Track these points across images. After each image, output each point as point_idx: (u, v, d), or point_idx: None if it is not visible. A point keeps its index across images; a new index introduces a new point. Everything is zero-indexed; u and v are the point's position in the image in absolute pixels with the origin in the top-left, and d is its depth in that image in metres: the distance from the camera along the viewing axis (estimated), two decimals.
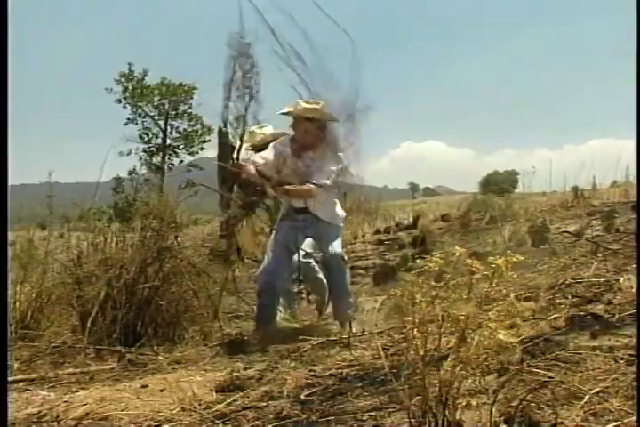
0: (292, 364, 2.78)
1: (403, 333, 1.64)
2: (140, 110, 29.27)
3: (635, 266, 3.60)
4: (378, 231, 10.26)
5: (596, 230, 6.19)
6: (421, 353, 1.59)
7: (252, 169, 4.44)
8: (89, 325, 3.77)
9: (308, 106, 4.33)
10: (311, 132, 4.42)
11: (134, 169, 26.22)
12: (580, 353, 2.05)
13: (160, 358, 3.56)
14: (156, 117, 29.63)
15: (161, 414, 2.20)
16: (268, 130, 5.62)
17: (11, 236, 4.32)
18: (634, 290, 2.87)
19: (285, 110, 4.44)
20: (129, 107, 29.14)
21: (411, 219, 10.34)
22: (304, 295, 6.14)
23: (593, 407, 1.62)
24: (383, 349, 2.47)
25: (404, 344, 1.65)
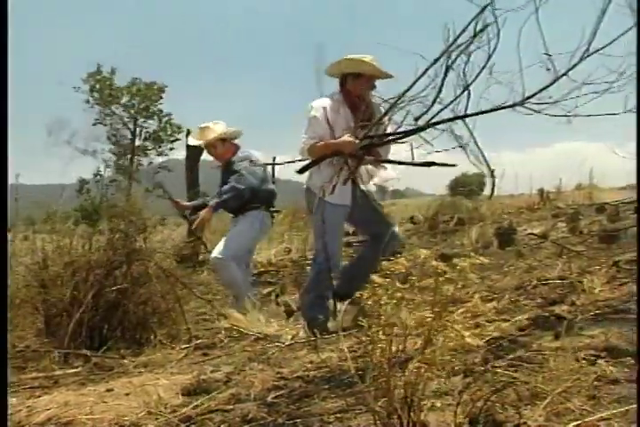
0: (260, 366, 2.77)
1: (368, 335, 1.64)
2: (108, 110, 28.97)
3: (596, 267, 3.66)
4: (347, 233, 10.26)
5: (562, 232, 6.28)
6: (387, 355, 1.59)
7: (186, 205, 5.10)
8: (54, 328, 3.72)
9: (376, 64, 4.09)
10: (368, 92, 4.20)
11: (99, 170, 25.91)
12: (544, 354, 2.07)
13: (126, 361, 3.53)
14: (125, 118, 29.34)
15: (126, 418, 2.18)
16: (220, 127, 5.63)
17: None
18: (597, 291, 2.92)
19: (356, 70, 4.15)
20: (97, 107, 28.83)
21: None
22: (273, 298, 6.14)
23: (555, 407, 1.64)
24: (350, 351, 2.47)
25: (370, 346, 1.65)
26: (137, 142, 29.48)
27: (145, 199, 5.19)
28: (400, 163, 3.94)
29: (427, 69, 3.37)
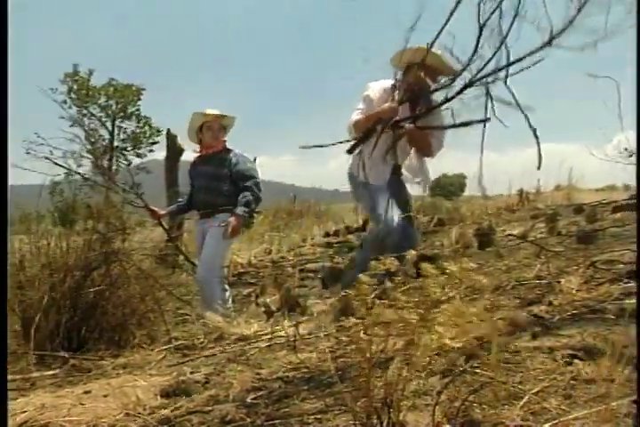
0: (239, 367, 2.77)
1: (349, 335, 1.65)
2: (85, 111, 28.80)
3: (574, 267, 3.69)
4: (327, 234, 10.30)
5: (540, 233, 6.32)
6: (367, 356, 1.60)
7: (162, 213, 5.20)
8: (32, 330, 3.70)
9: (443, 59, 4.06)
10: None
11: (69, 171, 25.67)
12: (521, 354, 2.09)
13: (104, 362, 3.52)
14: (102, 119, 29.19)
15: (103, 420, 2.18)
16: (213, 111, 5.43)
17: None
18: (574, 291, 2.95)
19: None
20: (75, 108, 28.66)
21: (360, 222, 10.40)
22: (253, 298, 6.13)
23: (532, 407, 1.66)
24: (330, 351, 2.48)
25: (351, 347, 1.66)
26: (115, 143, 29.38)
27: (123, 200, 5.16)
28: (440, 127, 4.00)
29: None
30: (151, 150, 29.76)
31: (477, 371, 1.92)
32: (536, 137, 3.36)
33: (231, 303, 5.35)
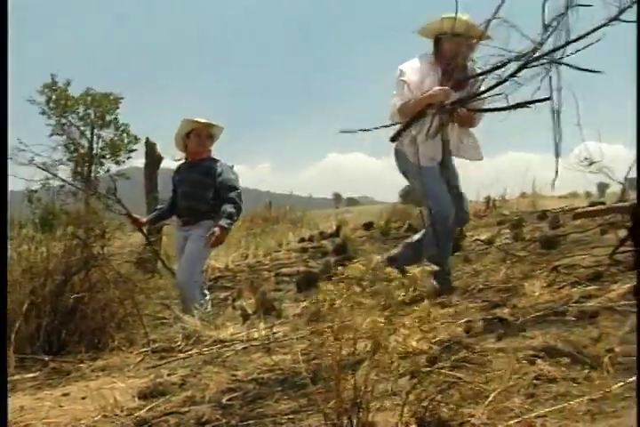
0: (215, 369, 2.76)
1: (321, 338, 1.65)
2: (65, 120, 28.55)
3: (537, 272, 3.73)
4: (302, 239, 10.29)
5: (506, 238, 6.38)
6: (337, 358, 1.60)
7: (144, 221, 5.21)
8: (12, 333, 3.65)
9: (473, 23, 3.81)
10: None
11: (48, 179, 25.38)
12: (487, 355, 2.11)
13: (83, 365, 3.48)
14: (81, 128, 28.95)
15: (82, 421, 2.16)
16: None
17: None
18: (537, 294, 2.97)
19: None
20: (54, 118, 28.40)
21: (334, 227, 10.40)
22: (230, 302, 6.12)
23: (497, 405, 1.67)
24: (303, 353, 2.48)
25: (322, 349, 1.66)
26: (94, 151, 29.15)
27: (101, 205, 5.11)
28: (492, 110, 3.71)
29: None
30: (129, 157, 29.53)
31: (444, 372, 1.93)
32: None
33: (210, 307, 5.31)
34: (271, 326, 3.46)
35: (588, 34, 3.03)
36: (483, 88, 3.70)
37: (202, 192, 5.19)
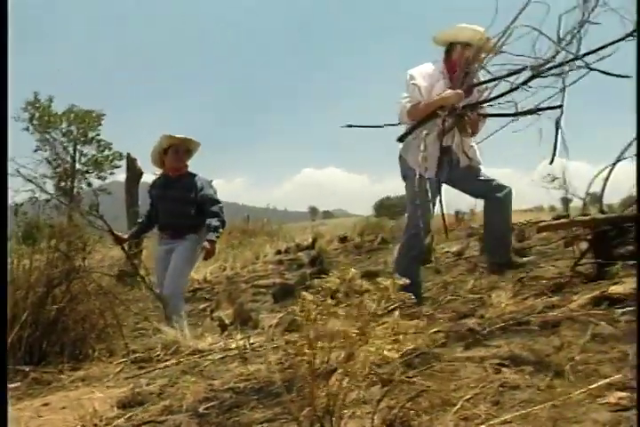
0: (193, 379, 2.74)
1: (295, 348, 1.66)
2: (48, 136, 28.40)
3: (504, 284, 3.77)
4: (279, 252, 10.30)
5: (475, 251, 6.43)
6: (311, 368, 1.61)
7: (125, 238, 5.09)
8: None
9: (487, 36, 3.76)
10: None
11: (32, 192, 25.21)
12: (455, 364, 2.12)
13: (64, 376, 3.45)
14: (64, 144, 28.81)
15: None
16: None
17: None
18: (503, 305, 3.00)
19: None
20: (37, 134, 28.27)
21: (310, 240, 10.43)
22: (208, 313, 6.09)
23: (464, 412, 1.69)
24: (278, 363, 2.48)
25: (297, 358, 1.67)
26: (77, 166, 29.04)
27: (83, 220, 5.06)
28: (503, 115, 3.66)
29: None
30: (112, 173, 29.45)
31: (414, 380, 1.94)
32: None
33: (186, 318, 5.29)
34: (248, 336, 3.46)
35: (600, 49, 3.15)
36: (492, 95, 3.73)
37: (185, 208, 5.20)
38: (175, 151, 5.27)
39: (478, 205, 11.09)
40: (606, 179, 3.74)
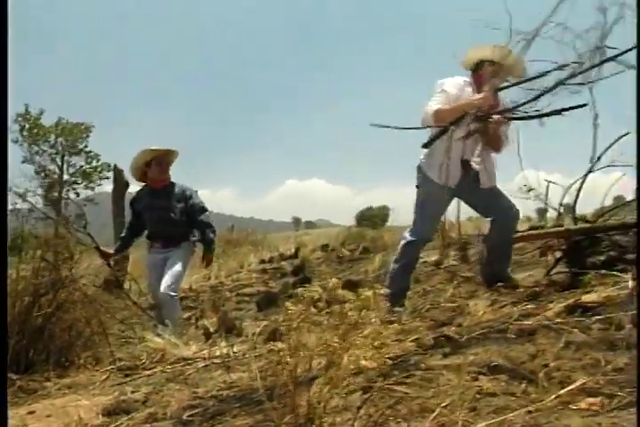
0: (177, 386, 2.72)
1: (277, 356, 1.65)
2: (37, 148, 28.42)
3: (482, 293, 3.78)
4: (263, 261, 10.28)
5: (453, 260, 6.46)
6: (293, 376, 1.61)
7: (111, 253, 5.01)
8: None
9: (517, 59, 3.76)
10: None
11: (15, 203, 25.14)
12: (433, 371, 2.12)
13: (50, 383, 3.41)
14: (52, 155, 28.81)
15: None
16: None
17: None
18: (480, 313, 3.01)
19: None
20: (25, 145, 28.28)
21: (293, 250, 10.42)
22: (193, 321, 6.05)
23: (441, 419, 1.69)
24: (261, 371, 2.47)
25: (279, 367, 1.66)
26: (65, 177, 29.06)
27: (70, 232, 5.03)
28: (529, 117, 3.61)
29: None
30: (100, 184, 29.51)
31: (393, 388, 1.94)
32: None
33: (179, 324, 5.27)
34: (231, 344, 3.44)
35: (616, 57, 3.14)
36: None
37: (177, 217, 5.25)
38: (159, 163, 5.29)
39: (456, 215, 11.14)
40: (579, 189, 3.78)
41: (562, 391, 1.73)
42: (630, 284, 2.78)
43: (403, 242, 4.13)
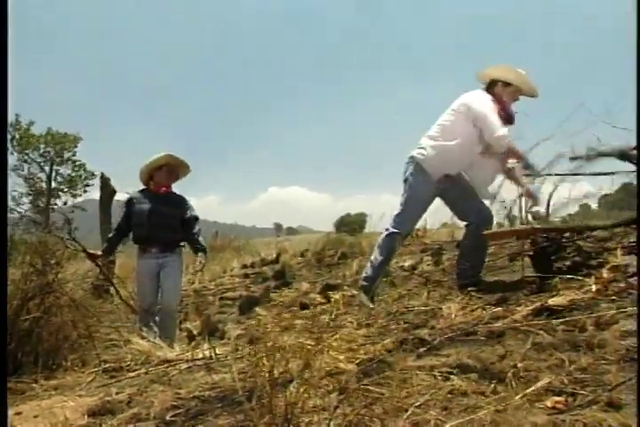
0: (161, 388, 2.70)
1: (254, 359, 1.65)
2: (26, 157, 28.48)
3: (454, 297, 3.79)
4: (245, 266, 10.24)
5: (427, 265, 6.47)
6: (270, 377, 1.60)
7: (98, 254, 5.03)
8: None
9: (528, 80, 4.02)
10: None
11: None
12: (407, 372, 2.13)
13: (37, 385, 3.37)
14: (41, 164, 28.87)
15: None
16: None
17: None
18: (453, 316, 3.02)
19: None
20: (15, 154, 28.37)
21: (274, 255, 10.39)
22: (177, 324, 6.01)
23: (415, 418, 1.69)
24: (241, 372, 2.45)
25: (256, 369, 1.65)
26: (53, 185, 29.12)
27: (57, 238, 4.98)
28: (573, 175, 3.93)
29: None
30: (86, 191, 29.54)
31: (368, 388, 1.94)
32: None
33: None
34: (214, 346, 3.41)
35: None
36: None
37: (175, 223, 5.25)
38: (169, 171, 5.30)
39: (431, 222, 11.19)
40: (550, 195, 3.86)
41: (529, 390, 1.75)
42: (594, 287, 2.82)
43: (385, 233, 4.19)
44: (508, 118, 4.05)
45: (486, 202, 4.25)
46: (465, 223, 4.31)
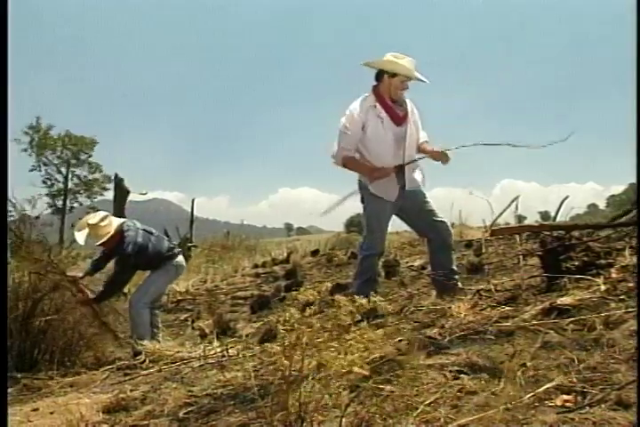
0: (174, 385, 2.72)
1: (270, 357, 1.66)
2: (44, 159, 28.82)
3: (463, 296, 3.79)
4: (256, 265, 10.25)
5: None
6: (285, 375, 1.61)
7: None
8: None
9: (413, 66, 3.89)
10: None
11: (24, 210, 25.31)
12: (417, 371, 2.13)
13: (52, 382, 3.41)
14: (58, 165, 29.17)
15: None
16: (114, 221, 4.88)
17: None
18: (462, 315, 3.02)
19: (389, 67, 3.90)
20: (34, 155, 28.72)
21: (285, 255, 10.40)
22: (189, 323, 6.04)
23: (425, 416, 1.69)
24: (254, 370, 2.46)
25: (272, 366, 1.67)
26: (69, 185, 29.38)
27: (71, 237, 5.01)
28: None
29: None
30: (102, 194, 29.90)
31: (379, 386, 1.95)
32: None
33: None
34: (226, 345, 3.43)
35: None
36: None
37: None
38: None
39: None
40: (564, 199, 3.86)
41: (538, 389, 1.75)
42: (603, 287, 2.81)
43: (360, 257, 4.18)
44: (393, 118, 3.97)
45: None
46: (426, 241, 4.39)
